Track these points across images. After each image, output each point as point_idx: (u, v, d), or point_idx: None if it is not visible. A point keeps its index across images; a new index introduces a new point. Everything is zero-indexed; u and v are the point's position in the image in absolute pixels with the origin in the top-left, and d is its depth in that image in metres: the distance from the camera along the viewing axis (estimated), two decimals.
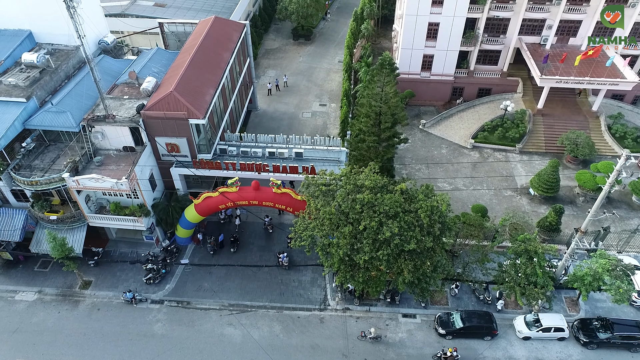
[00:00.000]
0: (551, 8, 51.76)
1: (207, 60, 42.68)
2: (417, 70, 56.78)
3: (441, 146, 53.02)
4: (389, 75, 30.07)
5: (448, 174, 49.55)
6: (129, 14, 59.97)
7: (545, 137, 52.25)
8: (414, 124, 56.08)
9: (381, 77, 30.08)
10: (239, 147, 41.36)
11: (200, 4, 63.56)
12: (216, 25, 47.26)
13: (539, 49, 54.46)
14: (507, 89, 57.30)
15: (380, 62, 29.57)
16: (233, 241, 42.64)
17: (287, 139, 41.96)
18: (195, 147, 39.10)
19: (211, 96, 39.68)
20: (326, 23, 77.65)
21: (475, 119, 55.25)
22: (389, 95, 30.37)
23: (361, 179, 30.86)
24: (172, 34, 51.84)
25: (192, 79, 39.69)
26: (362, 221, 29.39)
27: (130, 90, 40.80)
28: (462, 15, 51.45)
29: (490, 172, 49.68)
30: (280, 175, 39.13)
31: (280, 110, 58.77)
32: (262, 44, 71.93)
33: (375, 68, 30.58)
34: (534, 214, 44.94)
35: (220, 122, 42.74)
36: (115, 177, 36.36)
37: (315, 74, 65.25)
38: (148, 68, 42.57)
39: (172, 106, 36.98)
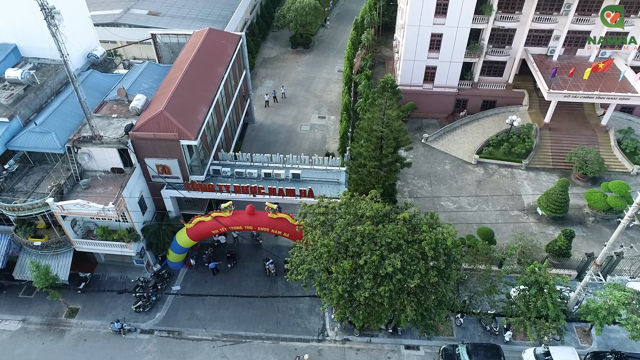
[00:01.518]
0: (559, 18, 49.84)
1: (200, 75, 40.78)
2: (419, 82, 54.86)
3: (444, 162, 51.10)
4: (391, 99, 28.14)
5: (452, 192, 47.63)
6: (121, 23, 58.09)
7: (552, 153, 50.33)
8: (415, 138, 54.15)
9: (383, 100, 28.17)
10: (233, 167, 39.48)
11: (195, 12, 61.67)
12: (210, 38, 45.34)
13: (545, 60, 52.53)
14: (513, 101, 55.38)
15: (381, 84, 27.69)
16: (230, 257, 40.88)
17: (284, 158, 40.05)
18: (187, 168, 37.21)
19: (204, 115, 37.77)
20: (325, 30, 75.75)
21: (479, 132, 53.33)
22: (391, 119, 28.46)
23: (362, 208, 28.98)
24: (165, 46, 49.93)
25: (184, 97, 37.78)
26: (363, 255, 27.54)
27: (119, 107, 38.91)
28: (466, 26, 49.56)
29: (495, 189, 47.76)
30: (277, 198, 37.26)
31: (278, 122, 56.86)
32: (260, 52, 70.04)
33: (376, 91, 28.63)
34: (541, 235, 43.03)
35: (214, 141, 40.83)
36: (102, 202, 34.50)
37: (314, 84, 63.35)
38: (138, 84, 40.65)
39: (162, 126, 35.09)
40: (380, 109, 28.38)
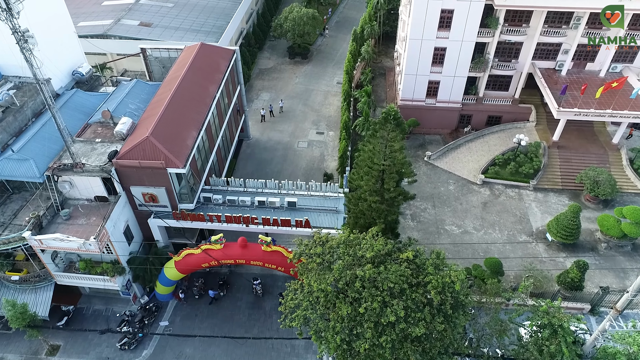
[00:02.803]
0: (568, 32, 47.54)
1: (190, 95, 38.47)
2: (422, 97, 52.55)
3: (448, 181, 48.79)
4: (394, 131, 25.86)
5: (456, 215, 45.32)
6: (111, 35, 55.75)
7: (561, 172, 48.02)
8: (418, 155, 51.85)
9: (385, 132, 25.88)
10: (225, 194, 37.15)
11: (188, 23, 59.32)
12: (202, 53, 43.02)
13: (554, 74, 50.24)
14: (519, 117, 53.09)
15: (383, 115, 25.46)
16: (222, 284, 38.67)
17: (279, 184, 37.75)
18: (175, 196, 34.91)
19: (194, 139, 35.46)
20: (324, 39, 73.40)
21: (484, 150, 51.02)
22: (394, 151, 26.18)
23: (362, 248, 26.64)
24: (155, 60, 47.64)
25: (173, 120, 35.47)
26: (363, 301, 25.21)
27: (104, 131, 36.61)
28: (471, 40, 47.26)
29: (502, 212, 45.44)
30: (271, 229, 34.97)
31: (274, 139, 54.54)
32: (256, 63, 67.69)
33: (378, 122, 26.36)
34: (552, 264, 40.73)
35: (205, 165, 38.52)
36: (83, 235, 32.24)
37: (312, 97, 61.02)
38: (124, 105, 38.33)
39: (148, 154, 32.78)
40: (382, 141, 26.07)
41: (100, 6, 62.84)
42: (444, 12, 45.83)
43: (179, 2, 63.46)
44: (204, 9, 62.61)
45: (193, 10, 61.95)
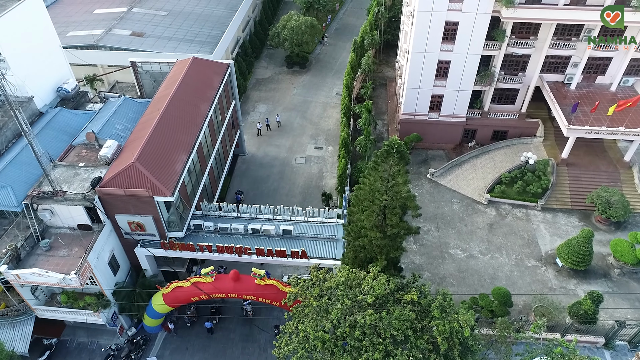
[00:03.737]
0: (578, 45, 45.39)
1: (180, 115, 36.35)
2: (425, 111, 50.41)
3: (452, 201, 46.64)
4: (397, 164, 23.75)
5: (461, 237, 43.20)
6: (102, 45, 53.59)
7: (570, 192, 45.89)
8: (420, 172, 49.72)
9: (388, 166, 23.77)
10: (217, 221, 35.00)
11: (182, 32, 57.16)
12: (194, 69, 40.90)
13: (562, 88, 48.10)
14: (526, 131, 50.94)
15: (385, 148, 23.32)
16: (214, 312, 36.61)
17: (275, 210, 35.61)
18: (163, 225, 32.79)
19: (183, 163, 33.33)
20: (323, 47, 71.20)
21: (490, 167, 48.88)
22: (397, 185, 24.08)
23: (363, 290, 24.56)
24: (146, 74, 45.51)
25: (161, 143, 33.35)
26: (364, 351, 23.16)
27: (88, 153, 34.49)
28: (476, 53, 45.11)
29: (509, 234, 43.31)
30: (266, 259, 32.86)
31: (271, 154, 52.39)
32: (253, 72, 65.53)
33: (380, 155, 24.23)
34: (562, 291, 38.65)
35: (195, 189, 36.39)
36: (64, 268, 30.16)
37: (310, 110, 58.88)
38: (111, 125, 36.21)
39: (133, 181, 30.66)
40: (384, 175, 23.96)
41: (91, 15, 60.70)
42: (449, 24, 43.70)
43: (172, 10, 61.33)
44: (199, 17, 60.46)
45: (187, 19, 59.80)
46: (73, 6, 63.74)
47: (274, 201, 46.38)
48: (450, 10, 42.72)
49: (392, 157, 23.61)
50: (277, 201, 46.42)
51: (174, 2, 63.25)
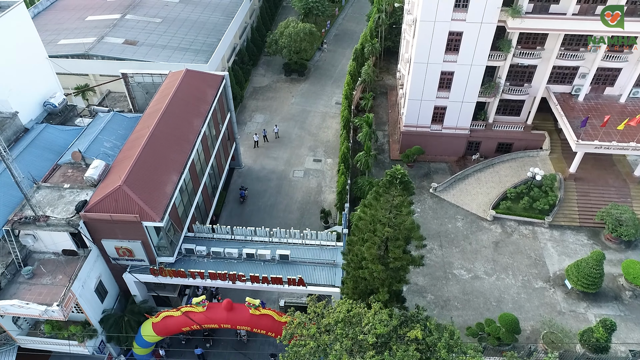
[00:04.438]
0: (586, 55, 43.70)
1: (172, 132, 34.65)
2: (427, 123, 48.71)
3: (456, 217, 44.94)
4: (401, 195, 22.05)
5: (465, 256, 41.50)
6: (93, 54, 51.84)
7: (579, 208, 44.19)
8: (422, 187, 48.02)
9: (390, 197, 22.07)
10: (209, 244, 33.26)
11: (177, 40, 55.42)
12: (187, 81, 39.22)
13: (570, 100, 46.41)
14: (531, 144, 49.24)
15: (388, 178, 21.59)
16: (207, 335, 34.94)
17: (271, 232, 33.90)
18: (153, 250, 31.08)
19: (174, 185, 31.61)
20: (322, 54, 69.48)
21: (495, 181, 47.18)
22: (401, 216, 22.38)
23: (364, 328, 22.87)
24: (138, 85, 43.80)
25: (150, 163, 31.64)
26: None
27: (75, 173, 32.80)
28: (481, 64, 43.44)
29: (515, 253, 41.61)
30: (261, 286, 31.16)
31: (268, 167, 50.68)
32: (250, 80, 63.83)
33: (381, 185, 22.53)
34: (571, 315, 36.96)
35: (187, 210, 34.67)
36: (47, 298, 28.46)
37: (309, 120, 57.16)
38: (99, 143, 34.49)
39: (120, 205, 28.95)
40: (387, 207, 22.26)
41: (83, 22, 58.97)
42: (452, 34, 42.03)
43: (167, 17, 59.59)
44: (194, 24, 58.72)
45: (182, 27, 58.06)
46: (65, 12, 62.02)
47: (270, 217, 44.77)
48: (454, 20, 41.04)
49: (395, 188, 21.91)
50: (274, 217, 44.79)
51: (169, 8, 61.52)
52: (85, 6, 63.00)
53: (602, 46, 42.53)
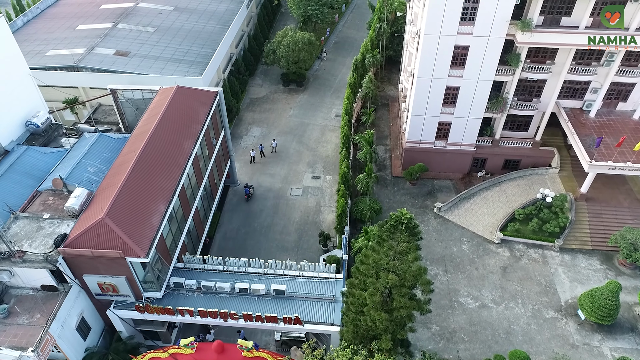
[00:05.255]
0: (598, 70, 41.58)
1: (161, 156, 32.51)
2: (431, 139, 46.56)
3: (461, 239, 42.80)
4: (408, 241, 19.95)
5: (472, 283, 39.37)
6: (82, 67, 49.66)
7: (590, 230, 42.05)
8: (426, 206, 45.89)
9: (396, 242, 19.96)
10: (200, 276, 31.14)
11: (170, 51, 53.26)
12: (178, 99, 37.10)
13: (580, 115, 44.27)
14: (540, 161, 47.08)
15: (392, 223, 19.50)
16: None
17: (265, 263, 31.77)
18: (138, 285, 28.94)
19: (161, 215, 29.47)
20: (322, 63, 67.26)
21: (502, 201, 45.03)
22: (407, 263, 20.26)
23: None
24: (127, 101, 41.74)
25: (136, 191, 29.51)
26: None
27: (56, 201, 30.67)
28: (488, 79, 41.31)
29: (524, 279, 39.48)
30: (254, 324, 29.03)
31: (265, 185, 48.52)
32: (247, 91, 61.67)
33: (385, 229, 20.42)
34: (585, 349, 34.82)
35: (177, 240, 32.52)
36: (24, 339, 26.34)
37: (307, 133, 54.99)
38: (82, 168, 32.31)
39: (102, 239, 26.83)
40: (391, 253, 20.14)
41: (73, 31, 56.81)
42: (458, 48, 39.89)
43: (160, 26, 57.43)
44: (189, 34, 56.56)
45: (176, 36, 55.87)
46: (55, 21, 59.89)
47: (267, 240, 42.66)
48: (460, 33, 38.90)
49: (400, 234, 19.79)
50: (270, 240, 42.67)
51: (163, 17, 59.36)
52: (77, 14, 60.88)
53: (616, 60, 40.43)
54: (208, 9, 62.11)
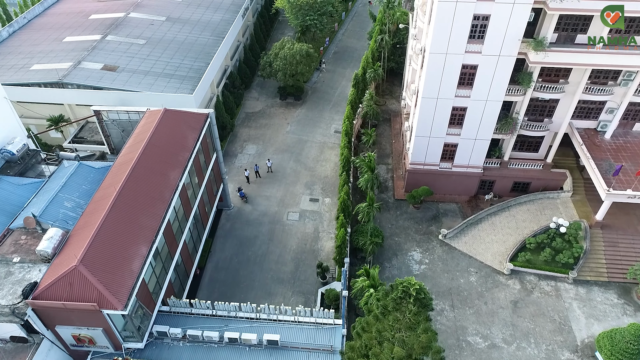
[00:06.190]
0: (615, 89, 38.96)
1: (144, 190, 29.89)
2: (436, 160, 43.95)
3: (469, 270, 40.19)
4: (418, 314, 17.34)
5: (480, 319, 36.77)
6: (68, 83, 46.98)
7: (606, 260, 39.46)
8: (431, 232, 43.29)
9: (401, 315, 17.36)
10: (186, 323, 28.49)
11: (161, 65, 50.60)
12: (165, 124, 34.49)
13: (595, 137, 41.67)
14: (551, 184, 44.44)
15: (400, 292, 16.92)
16: None
17: (258, 308, 29.14)
18: (117, 336, 26.32)
19: (143, 258, 26.85)
20: (321, 74, 64.58)
21: (511, 227, 42.41)
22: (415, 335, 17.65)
23: None
24: (113, 123, 39.13)
25: (116, 233, 26.89)
26: None
27: (29, 241, 28.05)
28: (497, 99, 38.72)
29: (537, 315, 36.88)
30: None
31: (260, 208, 45.87)
32: (242, 105, 59.04)
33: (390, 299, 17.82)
34: None
35: (162, 282, 29.89)
36: None
37: (305, 151, 52.32)
38: (58, 203, 29.67)
39: (76, 290, 24.24)
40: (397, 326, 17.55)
41: (60, 43, 54.15)
42: (466, 67, 37.29)
43: (152, 38, 54.75)
44: (181, 46, 53.91)
45: (168, 49, 53.21)
46: (42, 32, 57.23)
47: (261, 270, 40.07)
48: (469, 52, 36.30)
49: (409, 304, 17.18)
50: (265, 270, 40.08)
51: (154, 28, 56.70)
52: (65, 25, 58.21)
53: (634, 80, 37.83)
54: (202, 19, 59.47)
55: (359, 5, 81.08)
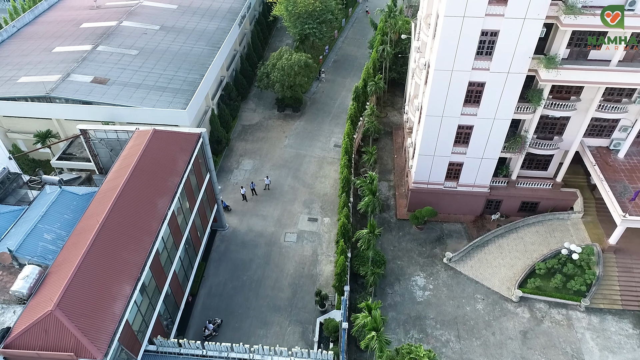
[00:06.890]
0: (630, 107, 36.96)
1: (129, 221, 27.91)
2: (440, 180, 41.96)
3: (475, 296, 38.19)
4: None
5: (488, 351, 34.77)
6: (55, 97, 45.01)
7: (620, 287, 37.49)
8: (435, 255, 41.31)
9: None
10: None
11: (153, 77, 48.63)
12: (154, 146, 32.52)
13: (608, 156, 39.66)
14: (561, 204, 42.44)
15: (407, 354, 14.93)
16: None
17: (252, 349, 27.15)
18: None
19: (126, 298, 24.86)
20: (320, 84, 62.57)
21: (520, 250, 40.42)
22: None
23: None
24: (101, 142, 37.21)
25: (97, 271, 24.92)
26: None
27: (4, 278, 26.17)
28: (505, 117, 36.73)
29: (548, 347, 34.88)
30: None
31: (256, 228, 43.86)
32: (239, 117, 57.03)
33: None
34: None
35: (148, 320, 27.89)
36: None
37: (304, 167, 50.30)
38: (37, 235, 27.67)
39: (52, 337, 22.28)
40: None
41: (50, 54, 52.16)
42: (473, 85, 35.30)
43: (144, 48, 52.76)
44: (175, 56, 51.94)
45: (161, 60, 51.24)
46: (31, 42, 55.26)
47: (257, 297, 38.08)
48: (476, 69, 34.29)
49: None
50: (260, 297, 38.09)
51: (148, 37, 54.70)
52: (55, 34, 56.24)
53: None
54: (197, 27, 57.50)
55: (359, 12, 79.11)
